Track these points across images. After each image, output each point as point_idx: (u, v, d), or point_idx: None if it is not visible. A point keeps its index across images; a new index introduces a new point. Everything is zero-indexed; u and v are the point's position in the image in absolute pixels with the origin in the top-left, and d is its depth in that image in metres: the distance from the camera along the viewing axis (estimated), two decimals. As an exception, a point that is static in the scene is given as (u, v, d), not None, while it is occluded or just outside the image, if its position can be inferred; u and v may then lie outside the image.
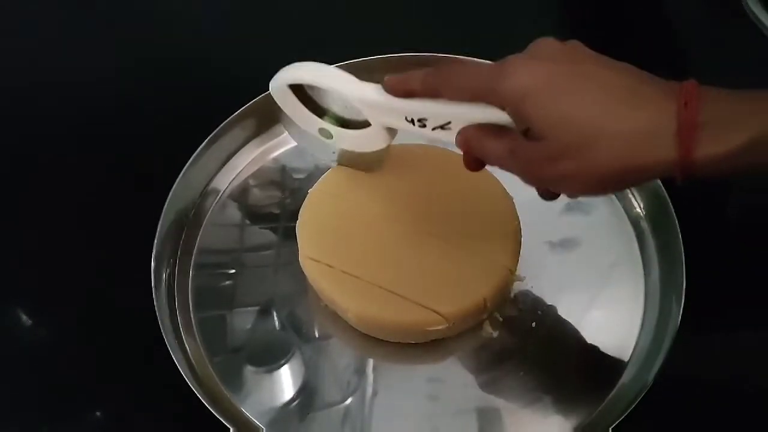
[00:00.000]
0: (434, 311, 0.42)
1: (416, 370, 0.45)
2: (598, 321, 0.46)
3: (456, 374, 0.44)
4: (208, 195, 0.53)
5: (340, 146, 0.46)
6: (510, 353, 0.45)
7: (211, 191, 0.53)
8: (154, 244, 0.47)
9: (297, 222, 0.47)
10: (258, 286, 0.48)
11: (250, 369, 0.45)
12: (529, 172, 0.35)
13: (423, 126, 0.39)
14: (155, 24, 0.67)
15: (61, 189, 0.55)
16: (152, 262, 0.46)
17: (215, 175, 0.54)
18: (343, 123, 0.45)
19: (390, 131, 0.42)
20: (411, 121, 0.39)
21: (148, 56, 0.64)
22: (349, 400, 0.44)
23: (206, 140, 0.52)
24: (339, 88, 0.41)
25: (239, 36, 0.65)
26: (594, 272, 0.48)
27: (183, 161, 0.51)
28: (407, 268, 0.44)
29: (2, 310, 0.50)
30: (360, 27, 0.65)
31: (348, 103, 0.42)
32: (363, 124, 0.43)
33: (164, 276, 0.48)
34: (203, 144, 0.51)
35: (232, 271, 0.49)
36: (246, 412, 0.43)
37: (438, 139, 0.39)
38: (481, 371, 0.45)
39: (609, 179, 0.33)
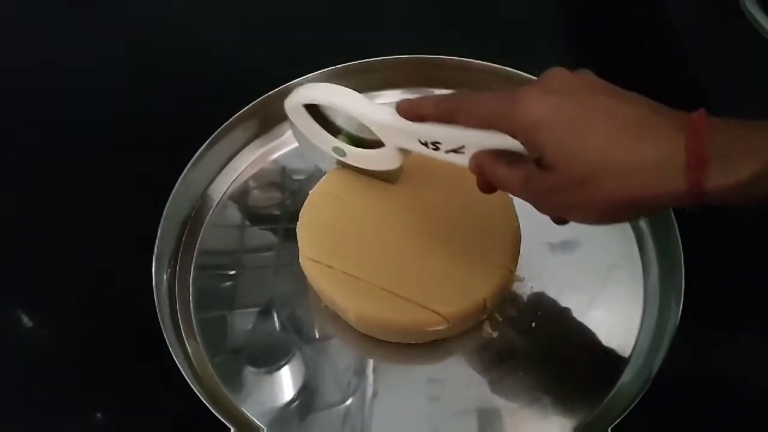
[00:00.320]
0: (434, 312, 0.43)
1: (416, 371, 0.45)
2: (598, 321, 0.46)
3: (456, 374, 0.44)
4: (209, 196, 0.53)
5: (354, 164, 0.47)
6: (510, 353, 0.45)
7: (212, 193, 0.53)
8: (155, 245, 0.47)
9: (297, 223, 0.47)
10: (258, 287, 0.49)
11: (251, 369, 0.45)
12: (541, 201, 0.36)
13: (436, 149, 0.39)
14: (156, 25, 0.67)
15: (62, 189, 0.55)
16: (153, 263, 0.46)
17: (216, 177, 0.54)
18: (357, 142, 0.45)
19: (403, 151, 0.42)
20: (425, 144, 0.39)
21: (149, 57, 0.64)
22: (350, 401, 0.44)
23: (207, 142, 0.52)
24: (353, 110, 0.42)
25: (240, 38, 0.65)
26: (593, 273, 0.48)
27: (184, 163, 0.51)
28: (407, 269, 0.44)
29: (3, 311, 0.50)
30: (360, 28, 0.65)
31: (362, 123, 0.42)
32: (377, 144, 0.43)
33: (165, 277, 0.48)
34: (204, 145, 0.52)
35: (233, 272, 0.49)
36: (246, 413, 0.43)
37: (451, 162, 0.39)
38: (481, 371, 0.45)
39: (618, 210, 0.33)
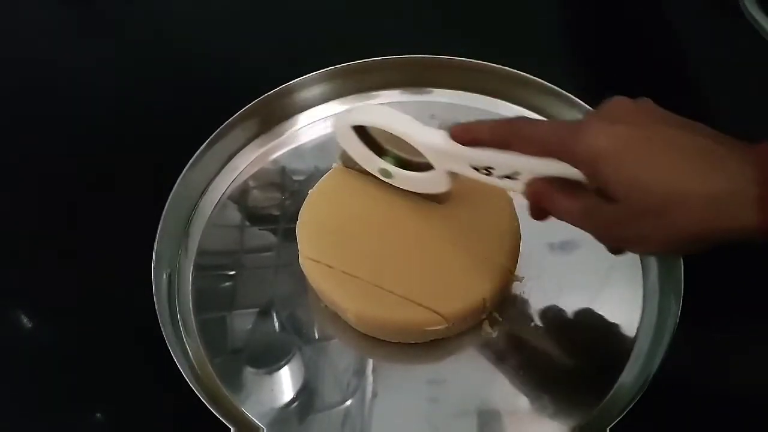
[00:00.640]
0: (434, 311, 0.43)
1: (416, 371, 0.45)
2: (597, 321, 0.46)
3: (456, 374, 0.44)
4: (209, 196, 0.53)
5: (400, 186, 0.46)
6: (509, 353, 0.45)
7: (212, 193, 0.53)
8: (155, 246, 0.47)
9: (297, 223, 0.47)
10: (258, 287, 0.49)
11: (251, 370, 0.45)
12: (604, 233, 0.35)
13: (488, 174, 0.39)
14: (156, 25, 0.67)
15: (61, 190, 0.55)
16: (152, 264, 0.46)
17: (215, 177, 0.54)
18: (404, 164, 0.45)
19: (452, 175, 0.42)
20: (476, 169, 0.39)
21: (149, 57, 0.64)
22: (349, 401, 0.44)
23: (206, 142, 0.52)
24: (404, 133, 0.41)
25: (240, 38, 0.65)
26: (593, 273, 0.48)
27: (183, 162, 0.51)
28: (407, 269, 0.44)
29: (3, 312, 0.50)
30: (360, 28, 0.65)
31: (409, 146, 0.42)
32: (424, 166, 0.42)
33: (165, 277, 0.48)
34: (203, 145, 0.52)
35: (233, 273, 0.49)
36: (246, 413, 0.43)
37: (504, 187, 0.39)
38: (481, 371, 0.45)
39: (686, 242, 0.32)
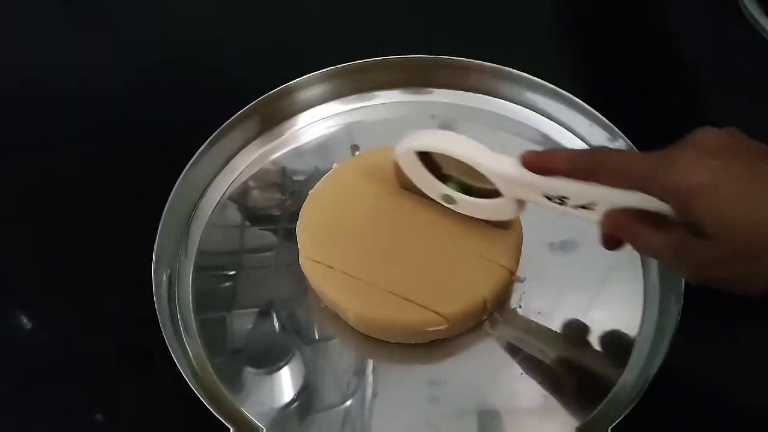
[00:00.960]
0: (434, 312, 0.43)
1: (416, 371, 0.45)
2: (598, 322, 0.46)
3: (456, 374, 0.44)
4: (209, 197, 0.53)
5: (464, 212, 0.45)
6: (510, 354, 0.45)
7: (212, 193, 0.53)
8: (155, 246, 0.47)
9: (297, 223, 0.47)
10: (258, 288, 0.48)
11: (251, 370, 0.45)
12: (694, 271, 0.33)
13: (562, 203, 0.37)
14: (155, 25, 0.67)
15: (61, 191, 0.55)
16: (153, 264, 0.46)
17: (215, 177, 0.54)
18: (467, 189, 0.44)
19: (520, 202, 0.41)
20: (549, 197, 0.38)
21: (148, 58, 0.64)
22: (349, 401, 0.44)
23: (206, 142, 0.52)
24: (472, 160, 0.40)
25: (239, 37, 0.65)
26: (594, 273, 0.48)
27: (183, 163, 0.51)
28: (407, 269, 0.44)
29: (3, 313, 0.50)
30: (360, 28, 0.65)
31: (473, 171, 0.41)
32: (490, 192, 0.42)
33: (165, 278, 0.48)
34: (203, 146, 0.52)
35: (233, 273, 0.49)
36: (246, 413, 0.43)
37: (578, 216, 0.38)
38: (481, 372, 0.45)
39: None
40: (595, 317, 0.46)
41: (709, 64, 0.61)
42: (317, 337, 0.47)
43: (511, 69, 0.55)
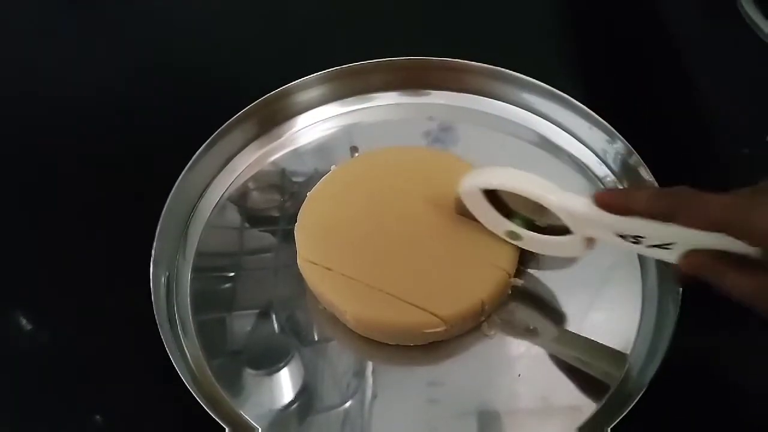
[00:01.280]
0: (432, 314, 0.43)
1: (415, 373, 0.45)
2: (596, 322, 0.46)
3: (455, 376, 0.44)
4: (207, 198, 0.53)
5: (529, 249, 0.45)
6: (509, 355, 0.45)
7: (210, 194, 0.53)
8: (153, 247, 0.47)
9: (296, 225, 0.47)
10: (257, 289, 0.48)
11: (249, 372, 0.45)
12: None
13: (636, 242, 0.37)
14: (155, 27, 0.67)
15: (60, 192, 0.55)
16: (151, 265, 0.46)
17: (214, 178, 0.54)
18: (532, 225, 0.44)
19: (589, 240, 0.40)
20: (622, 236, 0.37)
21: (148, 58, 0.64)
22: (348, 403, 0.44)
23: (205, 143, 0.52)
24: (543, 198, 0.40)
25: (239, 39, 0.65)
26: (592, 274, 0.48)
27: (182, 164, 0.51)
28: (406, 271, 0.44)
29: (2, 314, 0.50)
30: (360, 29, 0.65)
31: (540, 207, 0.40)
32: (556, 229, 0.41)
33: (163, 279, 0.48)
34: (202, 147, 0.52)
35: (231, 274, 0.49)
36: (245, 415, 0.43)
37: (653, 257, 0.37)
38: (480, 373, 0.44)
39: None
40: (594, 317, 0.46)
41: (708, 66, 0.61)
42: (316, 339, 0.47)
43: (510, 71, 0.55)
